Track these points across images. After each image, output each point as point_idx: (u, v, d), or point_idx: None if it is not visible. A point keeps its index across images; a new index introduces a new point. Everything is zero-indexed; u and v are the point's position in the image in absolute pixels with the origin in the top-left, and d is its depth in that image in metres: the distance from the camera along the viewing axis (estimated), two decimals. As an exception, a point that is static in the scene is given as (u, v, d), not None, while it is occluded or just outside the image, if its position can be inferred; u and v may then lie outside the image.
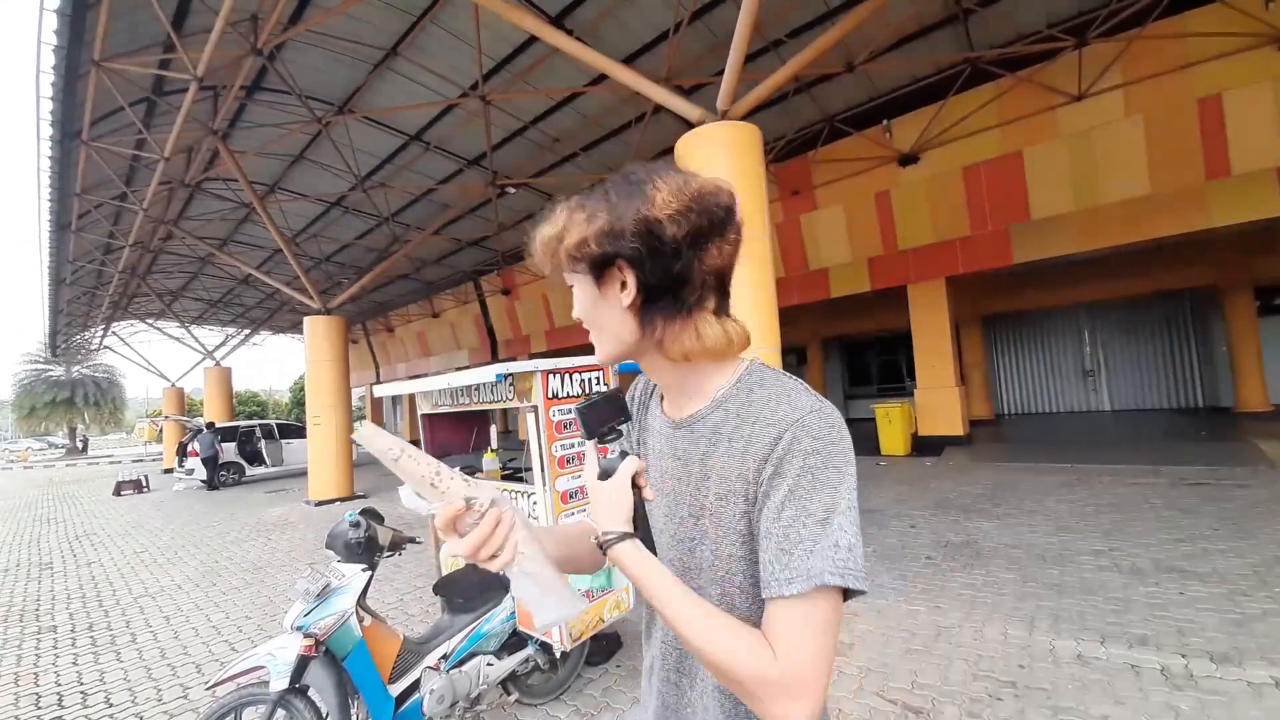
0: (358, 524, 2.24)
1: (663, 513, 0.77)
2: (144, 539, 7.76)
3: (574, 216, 0.71)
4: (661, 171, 0.71)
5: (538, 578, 0.64)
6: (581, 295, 0.73)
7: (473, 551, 0.63)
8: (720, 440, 0.70)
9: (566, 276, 0.74)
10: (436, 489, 0.62)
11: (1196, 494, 5.71)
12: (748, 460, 0.67)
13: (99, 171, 8.59)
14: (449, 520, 0.62)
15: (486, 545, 0.63)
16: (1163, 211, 7.70)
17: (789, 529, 0.62)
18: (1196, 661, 2.71)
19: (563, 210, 0.73)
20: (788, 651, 0.59)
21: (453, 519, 0.62)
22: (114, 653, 3.89)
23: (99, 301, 16.52)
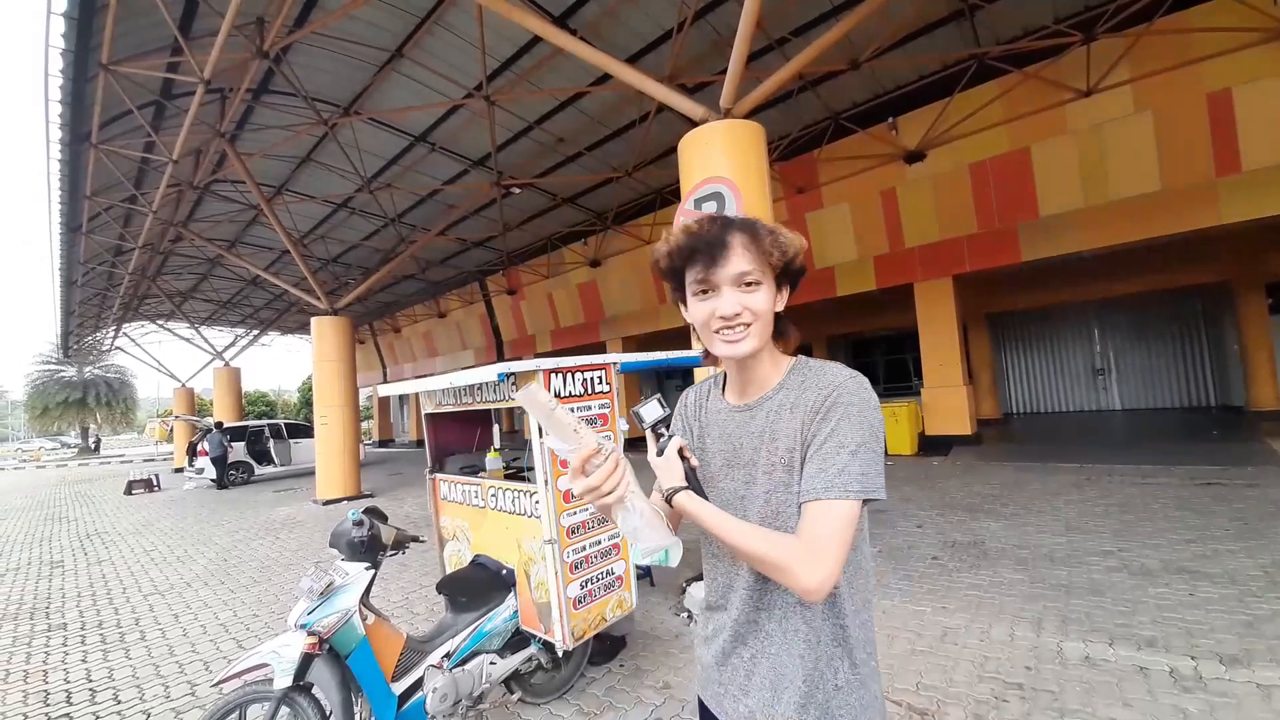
0: (361, 523, 2.25)
1: (741, 479, 0.99)
2: (154, 537, 7.84)
3: (792, 237, 0.93)
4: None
5: (643, 513, 0.84)
6: (764, 297, 0.91)
7: (597, 485, 0.83)
8: (784, 411, 0.93)
9: (748, 273, 0.89)
10: (579, 435, 0.81)
11: (1207, 494, 5.64)
12: (800, 416, 0.91)
13: (108, 174, 8.68)
14: (584, 459, 0.83)
15: (609, 482, 0.83)
16: (1173, 208, 7.61)
17: (826, 457, 0.85)
18: (1205, 663, 2.68)
19: (783, 228, 0.95)
20: (813, 535, 0.82)
21: (586, 459, 0.83)
22: (123, 650, 3.92)
23: (110, 303, 16.72)
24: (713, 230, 0.90)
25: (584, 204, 12.53)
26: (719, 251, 0.89)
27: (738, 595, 1.00)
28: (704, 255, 0.89)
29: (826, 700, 0.92)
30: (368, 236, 13.75)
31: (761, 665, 0.96)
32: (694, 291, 0.94)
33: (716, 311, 0.90)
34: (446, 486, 3.17)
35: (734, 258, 0.89)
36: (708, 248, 0.89)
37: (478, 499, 2.89)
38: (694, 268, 0.91)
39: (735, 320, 0.90)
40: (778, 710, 0.93)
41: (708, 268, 0.89)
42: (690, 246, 0.91)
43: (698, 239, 0.90)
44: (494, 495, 2.79)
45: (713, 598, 1.08)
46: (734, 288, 0.90)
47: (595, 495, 0.83)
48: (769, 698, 0.95)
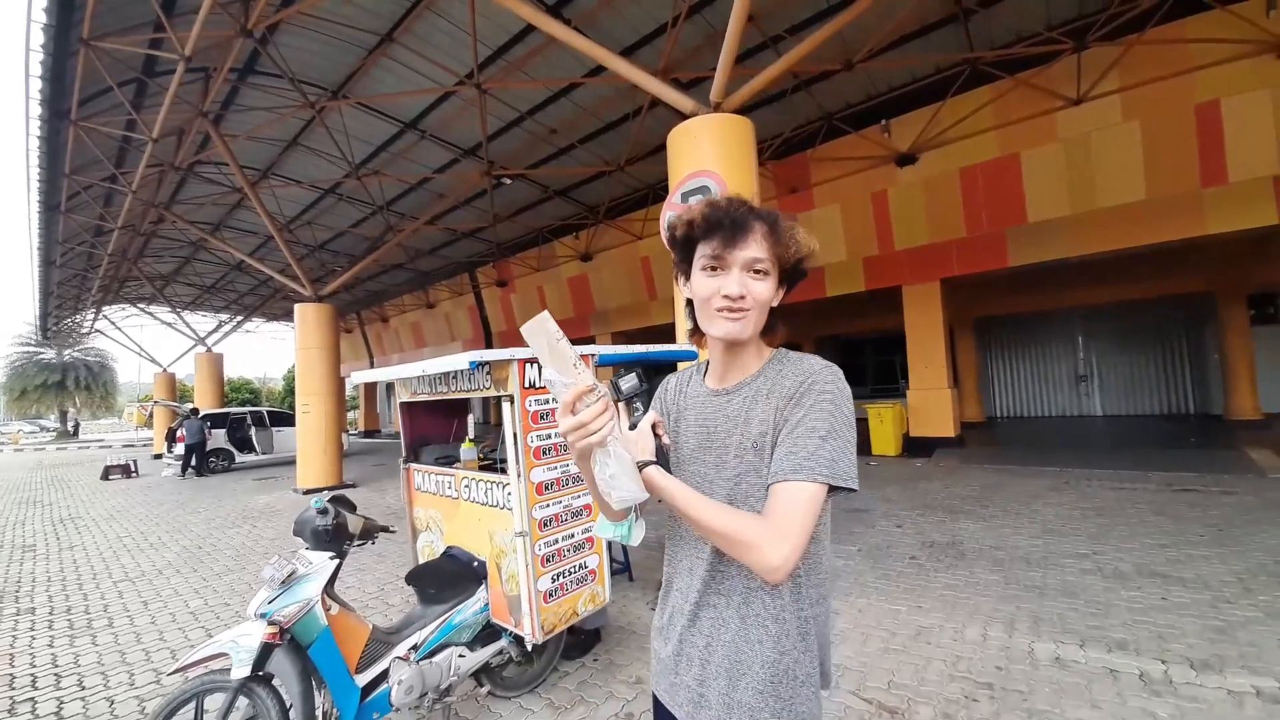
0: (325, 511, 2.20)
1: (712, 462, 1.00)
2: (129, 524, 7.71)
3: (807, 239, 0.95)
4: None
5: (620, 460, 0.84)
6: (768, 287, 0.93)
7: (583, 423, 0.82)
8: (760, 398, 0.95)
9: (760, 261, 0.91)
10: (576, 370, 0.82)
11: (1184, 500, 5.71)
12: (775, 402, 0.93)
13: (88, 152, 8.48)
14: (576, 395, 0.82)
15: (597, 421, 0.82)
16: (1158, 217, 7.68)
17: (797, 440, 0.87)
18: (1176, 668, 2.70)
19: (800, 227, 0.96)
20: (777, 513, 0.83)
21: (578, 396, 0.82)
22: (90, 636, 3.85)
23: (90, 284, 16.38)
24: (739, 211, 0.92)
25: (576, 197, 12.44)
26: (740, 233, 0.90)
27: (697, 579, 0.99)
28: (725, 233, 0.91)
29: (791, 695, 0.92)
30: (356, 224, 13.56)
31: (717, 653, 0.96)
32: (703, 266, 0.94)
33: (722, 290, 0.91)
34: (420, 477, 3.13)
35: (752, 242, 0.90)
36: (731, 225, 0.90)
37: (451, 490, 2.85)
38: (710, 242, 0.92)
39: (737, 302, 0.91)
40: (734, 697, 0.93)
41: (725, 245, 0.91)
42: (715, 220, 0.92)
43: (724, 214, 0.91)
44: (467, 486, 2.75)
45: (671, 583, 1.08)
46: (744, 271, 0.91)
47: (581, 433, 0.82)
48: (725, 686, 0.94)
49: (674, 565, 1.08)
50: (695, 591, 1.00)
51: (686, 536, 1.05)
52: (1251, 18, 6.44)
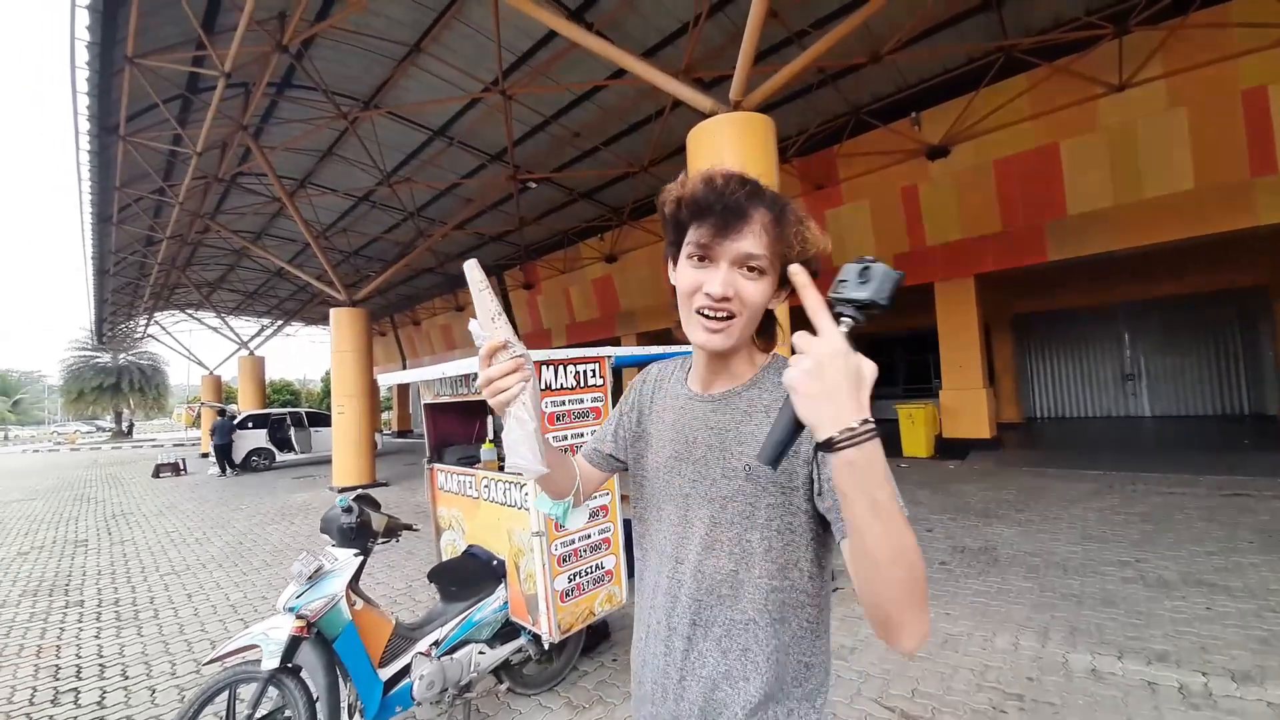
0: (350, 509, 2.27)
1: (690, 476, 0.87)
2: (176, 519, 8.08)
3: (818, 235, 0.81)
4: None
5: (524, 425, 0.77)
6: (762, 290, 0.79)
7: (492, 377, 0.76)
8: (756, 413, 0.83)
9: (755, 258, 0.77)
10: (494, 324, 0.77)
11: (1233, 505, 5.41)
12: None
13: (137, 166, 8.93)
14: (490, 350, 0.76)
15: (502, 380, 0.75)
16: (1207, 208, 7.30)
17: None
18: (1217, 680, 2.57)
19: (812, 221, 0.82)
20: None
21: (493, 350, 0.76)
22: (135, 627, 4.05)
23: (142, 292, 17.24)
24: (736, 194, 0.77)
25: (600, 199, 12.52)
26: (734, 220, 0.76)
27: (671, 599, 0.87)
28: (715, 218, 0.77)
29: None
30: (388, 230, 13.94)
31: (691, 689, 0.83)
32: (689, 254, 0.81)
33: (704, 287, 0.78)
34: (444, 476, 3.20)
35: (747, 234, 0.76)
36: (724, 212, 0.76)
37: (472, 489, 2.90)
38: (699, 227, 0.78)
39: (720, 305, 0.78)
40: None
41: (714, 234, 0.77)
42: (704, 202, 0.78)
43: (716, 197, 0.77)
44: (487, 486, 2.79)
45: (641, 595, 0.96)
46: (733, 267, 0.77)
47: (489, 390, 0.76)
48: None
49: (642, 576, 0.97)
50: (663, 611, 0.88)
51: (655, 543, 0.93)
52: None
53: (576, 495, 1.02)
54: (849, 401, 0.56)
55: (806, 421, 0.58)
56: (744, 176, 0.80)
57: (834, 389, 0.55)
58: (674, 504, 0.90)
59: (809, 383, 0.56)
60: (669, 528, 0.90)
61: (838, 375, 0.55)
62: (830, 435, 0.56)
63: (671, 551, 0.89)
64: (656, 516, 0.94)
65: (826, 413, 0.56)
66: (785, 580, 0.80)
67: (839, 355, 0.56)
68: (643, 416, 1.00)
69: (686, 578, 0.85)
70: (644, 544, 0.97)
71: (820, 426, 0.56)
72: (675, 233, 0.83)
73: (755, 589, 0.80)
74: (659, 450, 0.94)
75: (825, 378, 0.55)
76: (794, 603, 0.81)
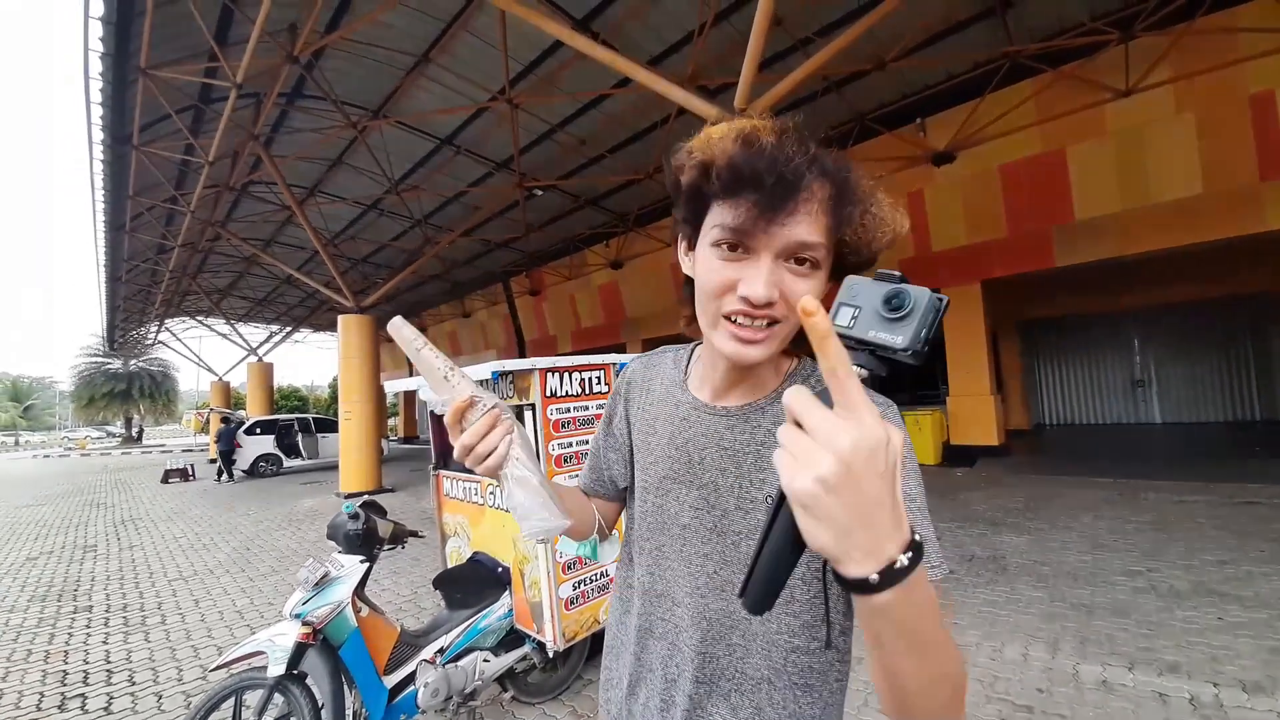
0: (356, 516, 2.29)
1: (691, 503, 0.72)
2: (184, 525, 8.13)
3: (895, 216, 0.62)
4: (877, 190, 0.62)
5: (527, 485, 0.66)
6: (813, 286, 0.60)
7: (469, 445, 0.64)
8: None
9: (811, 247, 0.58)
10: (448, 382, 0.66)
11: (1246, 513, 5.34)
12: None
13: (150, 175, 9.06)
14: (456, 412, 0.65)
15: (483, 442, 0.64)
16: (1216, 213, 7.24)
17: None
18: (1228, 691, 2.53)
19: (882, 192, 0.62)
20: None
21: (460, 411, 0.65)
22: (143, 633, 4.07)
23: (153, 298, 17.45)
24: (791, 158, 0.56)
25: (606, 206, 12.58)
26: (785, 196, 0.55)
27: (683, 655, 0.72)
28: (760, 194, 0.55)
29: None
30: (396, 237, 14.06)
31: None
32: (716, 240, 0.60)
33: (740, 288, 0.58)
34: (449, 483, 3.21)
35: (801, 216, 0.57)
36: (777, 185, 0.55)
37: (477, 495, 2.91)
38: (734, 205, 0.57)
39: (761, 311, 0.59)
40: None
41: (757, 215, 0.56)
42: (745, 168, 0.56)
43: (763, 161, 0.55)
44: (492, 492, 2.80)
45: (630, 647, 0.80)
46: (779, 261, 0.58)
47: (474, 459, 0.64)
48: None
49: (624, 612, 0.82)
50: (657, 657, 0.75)
51: (638, 578, 0.79)
52: None
53: (600, 530, 0.89)
54: (888, 520, 0.37)
55: (822, 554, 0.38)
56: (796, 133, 0.59)
57: (872, 506, 0.36)
58: (667, 535, 0.75)
59: (832, 503, 0.35)
60: (656, 562, 0.76)
61: (876, 484, 0.36)
62: (864, 576, 0.37)
63: (663, 590, 0.75)
64: (639, 549, 0.80)
65: (858, 544, 0.36)
66: (812, 640, 0.66)
67: (880, 447, 0.35)
68: (632, 425, 0.84)
69: (686, 622, 0.72)
70: (642, 578, 0.80)
71: (846, 563, 0.37)
72: (693, 208, 0.63)
73: (771, 645, 0.67)
74: (651, 466, 0.78)
75: (860, 490, 0.35)
76: (821, 666, 0.67)
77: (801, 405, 0.37)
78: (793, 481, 0.36)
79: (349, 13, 6.55)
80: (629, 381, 0.88)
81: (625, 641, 0.81)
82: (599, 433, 0.92)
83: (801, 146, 0.57)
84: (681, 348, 0.85)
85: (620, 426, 0.87)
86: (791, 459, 0.36)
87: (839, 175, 0.59)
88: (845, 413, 0.36)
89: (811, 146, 0.59)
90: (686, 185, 0.62)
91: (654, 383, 0.83)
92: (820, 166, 0.58)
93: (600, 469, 0.90)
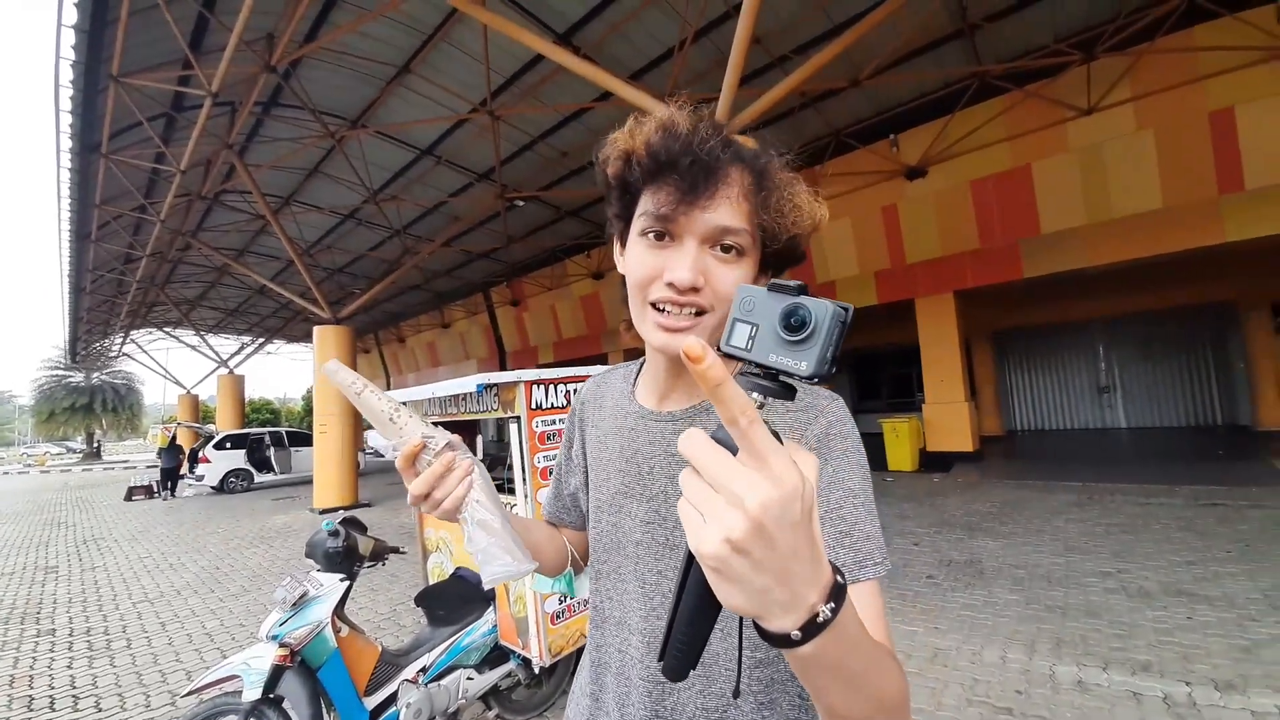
0: (336, 533, 2.24)
1: (642, 517, 0.68)
2: (150, 545, 7.84)
3: (813, 204, 0.63)
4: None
5: (489, 528, 0.63)
6: (740, 273, 0.60)
7: (424, 490, 0.61)
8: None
9: (734, 232, 0.59)
10: (395, 424, 0.63)
11: (1211, 514, 5.54)
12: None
13: (119, 183, 8.83)
14: (408, 457, 0.62)
15: (439, 487, 0.62)
16: (1176, 226, 7.57)
17: (841, 510, 0.58)
18: (1200, 689, 2.61)
19: (801, 182, 0.63)
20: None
21: (411, 455, 0.62)
22: (109, 657, 3.91)
23: (118, 309, 16.92)
24: (708, 143, 0.57)
25: (587, 216, 12.62)
26: (706, 180, 0.57)
27: (636, 692, 0.67)
28: (680, 178, 0.57)
29: None
30: (374, 247, 13.89)
31: None
32: (643, 229, 0.61)
33: (666, 274, 0.59)
34: (431, 497, 3.16)
35: (722, 201, 0.58)
36: (692, 168, 0.56)
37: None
38: (656, 191, 0.59)
39: (686, 297, 0.59)
40: None
41: (678, 199, 0.57)
42: (664, 156, 0.57)
43: (682, 148, 0.57)
44: (476, 507, 2.77)
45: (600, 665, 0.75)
46: (703, 246, 0.59)
47: (430, 504, 0.62)
48: None
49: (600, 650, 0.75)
50: (612, 698, 0.71)
51: (604, 608, 0.74)
52: (1263, 25, 6.39)
53: (575, 563, 0.85)
54: (806, 569, 0.34)
55: (738, 613, 0.35)
56: (714, 123, 0.60)
57: (786, 562, 0.32)
58: (622, 555, 0.71)
59: (743, 564, 0.32)
60: (613, 585, 0.72)
61: (789, 538, 0.32)
62: (784, 632, 0.35)
63: (620, 616, 0.70)
64: (596, 573, 0.76)
65: (777, 600, 0.33)
66: (770, 650, 0.63)
67: (794, 498, 0.31)
68: (587, 445, 0.81)
69: (639, 651, 0.67)
70: (599, 605, 0.76)
71: (767, 620, 0.35)
72: (622, 202, 0.64)
73: (733, 663, 0.63)
74: (603, 483, 0.75)
75: (774, 550, 0.32)
76: (781, 677, 0.64)
77: (702, 456, 0.33)
78: (700, 545, 0.32)
79: (328, 23, 6.50)
80: (583, 402, 0.86)
81: (583, 683, 0.78)
82: (560, 459, 0.89)
83: (718, 134, 0.59)
84: (633, 363, 0.83)
85: (578, 450, 0.84)
86: (697, 517, 0.33)
87: (758, 163, 0.61)
88: (753, 462, 0.31)
89: (728, 135, 0.60)
90: (613, 176, 0.63)
91: (605, 399, 0.81)
92: (738, 154, 0.60)
93: (563, 495, 0.88)
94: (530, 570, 0.66)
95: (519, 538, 0.66)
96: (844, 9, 6.51)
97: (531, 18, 6.39)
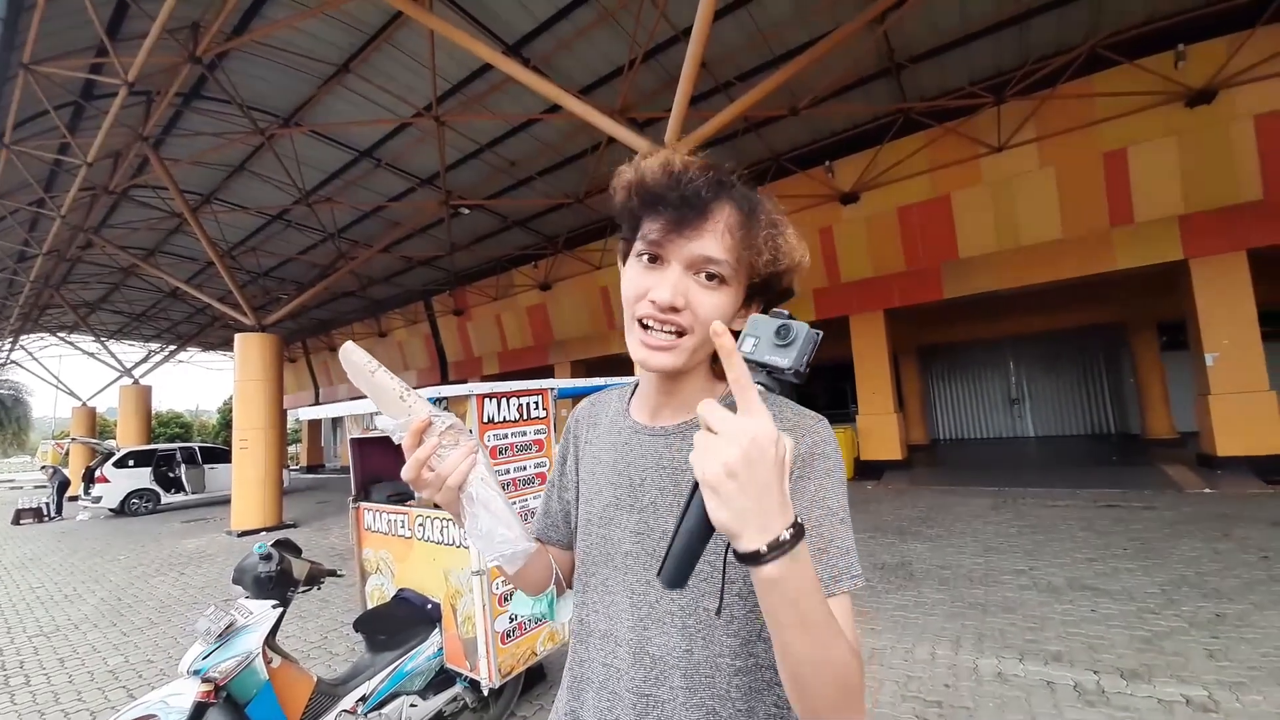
0: (269, 556, 2.11)
1: (633, 528, 0.72)
2: (42, 573, 7.04)
3: (796, 244, 0.71)
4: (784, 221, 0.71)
5: (490, 506, 0.66)
6: (720, 303, 0.67)
7: (427, 455, 0.64)
8: None
9: (715, 262, 0.65)
10: (405, 403, 0.66)
11: (1109, 516, 6.11)
12: None
13: (16, 176, 8.00)
14: (416, 432, 0.64)
15: (445, 462, 0.65)
16: (1074, 254, 8.38)
17: (820, 528, 0.63)
18: (1108, 678, 2.86)
19: (790, 227, 0.71)
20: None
21: (418, 432, 0.64)
22: (8, 694, 3.51)
23: (8, 313, 15.19)
24: (697, 183, 0.65)
25: (535, 227, 12.52)
26: (691, 215, 0.64)
27: (622, 703, 0.70)
28: (669, 212, 0.65)
29: None
30: (304, 251, 13.17)
31: None
32: (639, 252, 0.69)
33: (650, 292, 0.66)
34: (371, 516, 3.03)
35: (708, 233, 0.65)
36: (680, 203, 0.64)
37: (404, 529, 2.78)
38: (651, 221, 0.67)
39: (667, 317, 0.65)
40: None
41: (667, 229, 0.65)
42: (657, 190, 0.66)
43: (673, 186, 0.65)
44: (421, 524, 2.69)
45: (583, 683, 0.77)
46: (687, 271, 0.66)
47: (433, 480, 0.65)
48: None
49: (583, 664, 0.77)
50: (593, 712, 0.73)
51: (592, 620, 0.76)
52: (1159, 70, 7.07)
53: (559, 583, 0.86)
54: (777, 504, 0.45)
55: (724, 530, 0.45)
56: (711, 164, 0.70)
57: (763, 489, 0.44)
58: (610, 566, 0.74)
59: (732, 482, 0.44)
60: (601, 597, 0.75)
61: (768, 471, 0.44)
62: (756, 549, 0.44)
63: (606, 629, 0.73)
64: (583, 585, 0.79)
65: (752, 521, 0.44)
66: (750, 658, 0.66)
67: (770, 443, 0.44)
68: (582, 461, 0.85)
69: (626, 663, 0.70)
70: (585, 619, 0.78)
71: (742, 537, 0.45)
72: (629, 225, 0.72)
73: (715, 670, 0.66)
74: (594, 496, 0.78)
75: (755, 475, 0.44)
76: (760, 684, 0.67)
77: (711, 412, 0.46)
78: (704, 470, 0.45)
79: (260, 15, 6.19)
80: (577, 420, 0.90)
81: (561, 705, 0.79)
82: (553, 476, 0.93)
83: (711, 175, 0.67)
84: (629, 383, 0.89)
85: (570, 467, 0.88)
86: (704, 451, 0.45)
87: (747, 203, 0.68)
88: (745, 416, 0.45)
89: (725, 175, 0.69)
90: (620, 204, 0.72)
91: (601, 417, 0.86)
92: (731, 193, 0.67)
93: (553, 512, 0.90)
94: (531, 549, 0.69)
95: (515, 513, 0.69)
96: (783, 42, 6.86)
97: (480, 27, 6.34)
